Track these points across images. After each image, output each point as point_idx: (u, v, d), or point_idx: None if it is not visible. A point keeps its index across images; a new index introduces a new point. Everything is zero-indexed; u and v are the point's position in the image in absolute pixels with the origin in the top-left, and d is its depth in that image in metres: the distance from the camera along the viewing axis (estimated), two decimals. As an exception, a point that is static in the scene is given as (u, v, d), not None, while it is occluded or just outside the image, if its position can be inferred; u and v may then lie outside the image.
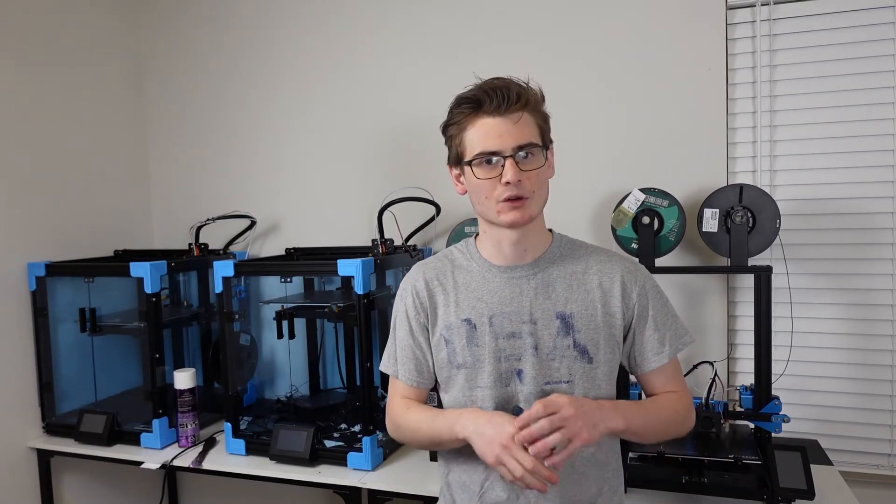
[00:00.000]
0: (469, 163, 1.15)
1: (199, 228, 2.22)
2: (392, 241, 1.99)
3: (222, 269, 1.89)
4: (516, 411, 1.18)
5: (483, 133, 1.13)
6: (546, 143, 1.17)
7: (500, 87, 1.12)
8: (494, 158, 1.12)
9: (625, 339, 1.23)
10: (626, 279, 1.21)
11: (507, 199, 1.13)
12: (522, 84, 1.15)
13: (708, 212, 1.76)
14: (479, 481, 1.20)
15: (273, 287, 2.15)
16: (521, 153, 1.12)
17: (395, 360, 1.29)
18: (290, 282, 2.07)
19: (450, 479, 1.26)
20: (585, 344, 1.18)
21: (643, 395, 1.31)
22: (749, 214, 1.72)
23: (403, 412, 1.26)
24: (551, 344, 1.18)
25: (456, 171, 1.22)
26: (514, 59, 2.08)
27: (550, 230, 1.27)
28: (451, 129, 1.19)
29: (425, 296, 1.25)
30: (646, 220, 1.77)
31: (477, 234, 1.29)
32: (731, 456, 1.60)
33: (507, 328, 1.19)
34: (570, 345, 1.18)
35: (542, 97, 1.18)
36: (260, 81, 2.41)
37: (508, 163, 1.11)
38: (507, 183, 1.11)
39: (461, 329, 1.21)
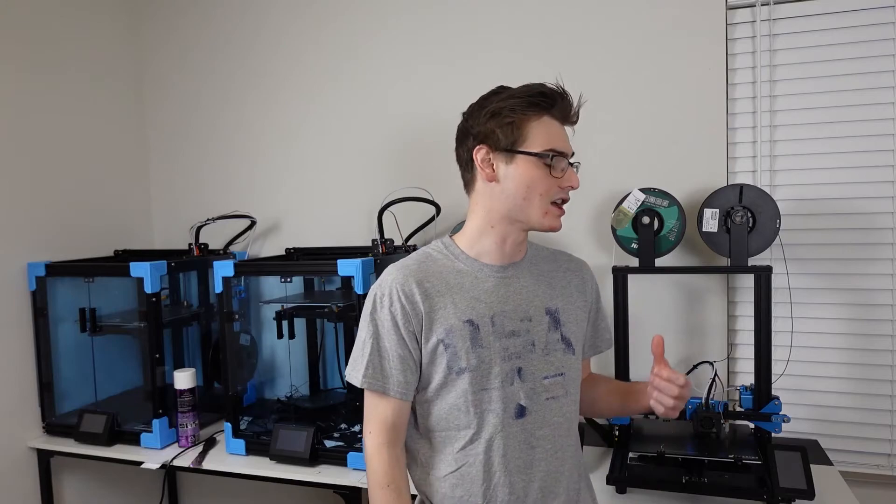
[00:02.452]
0: (536, 154, 1.13)
1: (199, 228, 2.22)
2: (392, 241, 1.99)
3: (222, 269, 1.89)
4: (518, 409, 1.18)
5: (556, 132, 1.16)
6: None
7: (568, 97, 1.16)
8: (563, 160, 1.15)
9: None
10: (586, 275, 1.32)
11: (559, 204, 1.17)
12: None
13: (708, 212, 1.76)
14: (481, 493, 1.15)
15: (273, 287, 2.15)
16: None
17: (382, 373, 1.16)
18: (290, 282, 2.07)
19: (438, 500, 1.19)
20: (570, 337, 1.23)
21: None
22: (749, 214, 1.72)
23: (383, 480, 1.16)
24: (545, 339, 1.20)
25: (487, 155, 1.16)
26: (513, 60, 2.08)
27: None
28: (509, 113, 1.13)
29: (419, 299, 1.15)
30: (646, 220, 1.77)
31: (452, 234, 1.26)
32: (731, 456, 1.60)
33: (507, 327, 1.18)
34: (559, 338, 1.22)
35: None
36: (261, 82, 2.41)
37: (572, 169, 1.16)
38: (571, 187, 1.16)
39: (464, 331, 1.15)
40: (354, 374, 1.19)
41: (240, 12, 2.42)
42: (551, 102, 1.14)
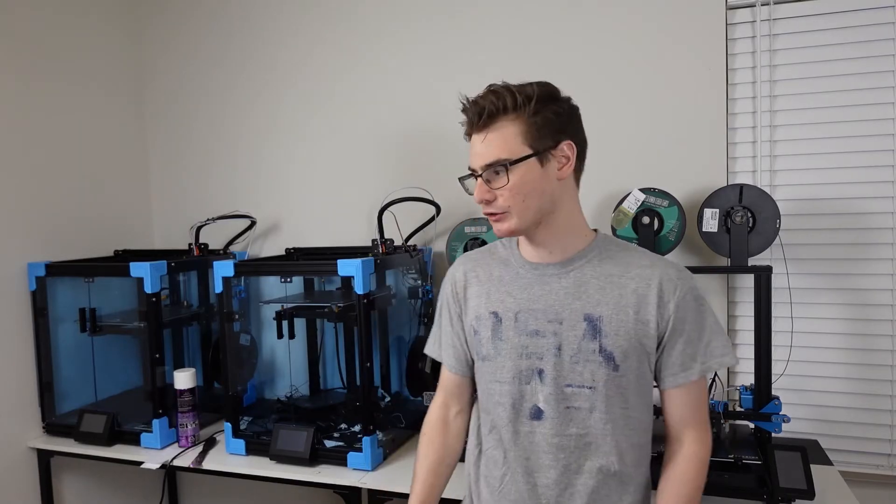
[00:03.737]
0: (464, 178, 1.18)
1: (199, 228, 2.22)
2: (392, 241, 1.99)
3: (222, 269, 1.89)
4: (534, 411, 1.17)
5: (470, 149, 1.16)
6: (539, 149, 1.10)
7: (472, 104, 1.13)
8: (470, 176, 1.16)
9: (657, 349, 1.16)
10: (665, 287, 1.14)
11: (488, 213, 1.16)
12: (495, 92, 1.10)
13: (708, 212, 1.76)
14: (499, 476, 1.21)
15: (273, 287, 2.15)
16: (493, 170, 1.11)
17: (440, 344, 1.34)
18: (290, 282, 2.07)
19: (477, 473, 1.28)
20: (612, 350, 1.13)
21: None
22: (749, 214, 1.72)
23: (423, 429, 1.36)
24: (576, 346, 1.14)
25: None
26: (513, 61, 2.08)
27: (596, 230, 1.23)
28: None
29: (461, 286, 1.28)
30: (646, 220, 1.77)
31: None
32: (731, 456, 1.60)
33: (531, 325, 1.17)
34: (596, 349, 1.13)
35: (531, 97, 1.10)
36: (261, 83, 2.41)
37: (477, 183, 1.14)
38: (476, 201, 1.15)
39: (488, 321, 1.21)
40: (428, 344, 1.38)
41: (241, 14, 2.42)
42: (467, 121, 1.14)
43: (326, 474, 1.73)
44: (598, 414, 1.14)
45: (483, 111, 1.10)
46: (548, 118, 1.12)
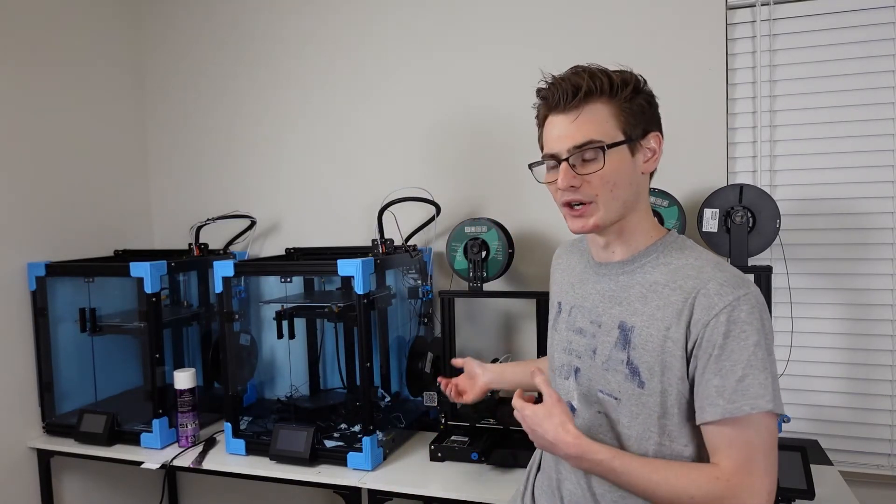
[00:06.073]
0: (534, 164, 1.13)
1: (199, 228, 2.22)
2: (392, 241, 1.99)
3: (222, 269, 1.89)
4: (570, 408, 1.16)
5: (547, 132, 1.08)
6: (631, 136, 1.05)
7: (560, 81, 1.05)
8: (551, 162, 1.07)
9: (689, 375, 1.01)
10: (700, 302, 0.99)
11: (567, 205, 1.07)
12: (589, 72, 1.05)
13: (708, 212, 1.76)
14: (538, 461, 1.28)
15: (273, 287, 2.15)
16: (582, 154, 1.03)
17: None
18: (290, 282, 2.07)
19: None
20: (639, 365, 1.04)
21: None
22: (749, 214, 1.72)
23: None
24: (607, 353, 1.09)
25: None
26: (511, 59, 2.08)
27: (669, 229, 1.15)
28: (537, 123, 1.14)
29: (552, 271, 1.33)
30: (646, 220, 1.76)
31: None
32: (731, 456, 1.59)
33: (578, 323, 1.16)
34: (624, 360, 1.06)
35: (628, 82, 1.07)
36: (260, 82, 2.41)
37: (562, 167, 1.04)
38: (558, 189, 1.06)
39: (554, 310, 1.26)
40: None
41: (239, 12, 2.42)
42: (546, 100, 1.08)
43: (326, 474, 1.73)
44: (625, 430, 1.07)
45: (578, 89, 1.03)
46: (641, 106, 1.09)
